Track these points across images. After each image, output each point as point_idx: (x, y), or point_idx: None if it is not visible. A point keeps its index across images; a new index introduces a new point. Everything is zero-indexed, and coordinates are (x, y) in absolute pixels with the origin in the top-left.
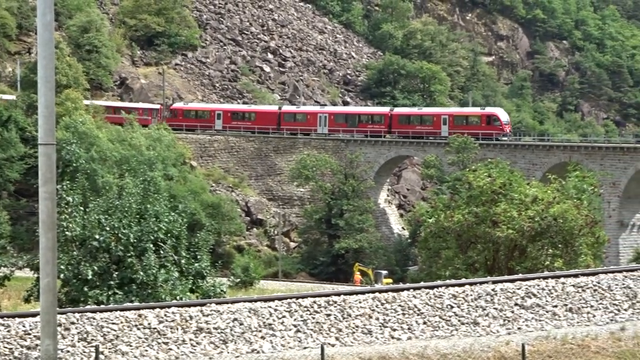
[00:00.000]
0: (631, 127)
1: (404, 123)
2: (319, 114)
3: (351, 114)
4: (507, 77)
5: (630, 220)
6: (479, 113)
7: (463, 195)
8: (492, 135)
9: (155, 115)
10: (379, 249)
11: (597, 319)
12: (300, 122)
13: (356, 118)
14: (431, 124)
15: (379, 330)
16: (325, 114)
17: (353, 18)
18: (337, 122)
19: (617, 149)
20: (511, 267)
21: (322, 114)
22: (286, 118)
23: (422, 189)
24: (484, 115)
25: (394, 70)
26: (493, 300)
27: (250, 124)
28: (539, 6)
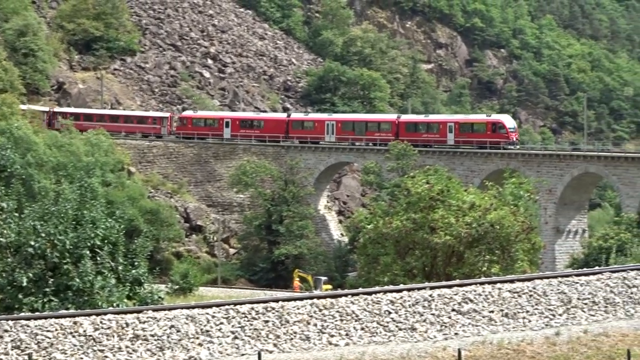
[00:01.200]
0: (567, 134)
1: (411, 131)
2: (327, 121)
3: (358, 122)
4: (446, 85)
5: (566, 227)
6: (484, 120)
7: (401, 201)
8: (498, 143)
9: (165, 124)
10: (319, 255)
11: (533, 324)
12: (308, 130)
13: (363, 126)
14: (437, 132)
15: (316, 336)
16: (333, 121)
17: (293, 24)
18: (345, 130)
19: (554, 156)
20: (449, 273)
21: (329, 122)
22: (294, 126)
23: (362, 196)
24: (489, 122)
25: (334, 77)
26: (430, 306)
27: (259, 132)
28: (478, 15)
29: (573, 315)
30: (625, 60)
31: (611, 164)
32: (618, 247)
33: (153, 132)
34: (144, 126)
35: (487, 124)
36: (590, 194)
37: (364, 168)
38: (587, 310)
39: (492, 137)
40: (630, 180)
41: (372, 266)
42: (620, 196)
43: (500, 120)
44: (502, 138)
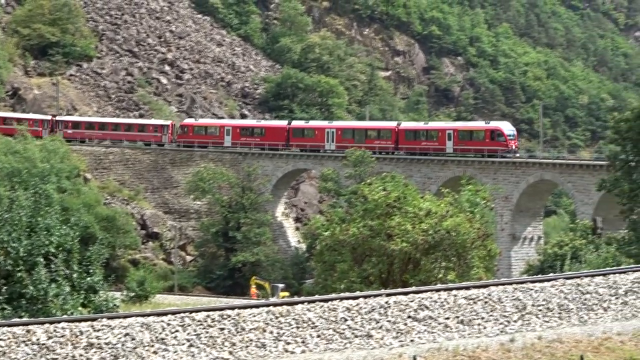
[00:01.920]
0: (523, 142)
1: (411, 139)
2: (327, 129)
3: (358, 129)
4: (403, 92)
5: (522, 234)
6: (482, 128)
7: (358, 208)
8: (496, 152)
9: (166, 132)
10: (276, 262)
11: (488, 330)
12: (308, 138)
13: (364, 134)
14: (436, 140)
15: (272, 344)
16: (333, 129)
17: (251, 31)
18: (345, 137)
19: (510, 163)
20: (405, 279)
21: (329, 129)
22: (295, 134)
23: (319, 202)
24: (487, 130)
25: (292, 84)
26: (387, 312)
27: (260, 139)
28: (435, 23)
29: (528, 322)
30: (580, 69)
31: (566, 172)
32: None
33: (154, 140)
34: (145, 134)
35: (485, 132)
36: (545, 201)
37: (322, 175)
38: (541, 317)
39: (491, 145)
40: (585, 187)
41: (329, 273)
42: (575, 203)
43: (499, 127)
44: (500, 146)
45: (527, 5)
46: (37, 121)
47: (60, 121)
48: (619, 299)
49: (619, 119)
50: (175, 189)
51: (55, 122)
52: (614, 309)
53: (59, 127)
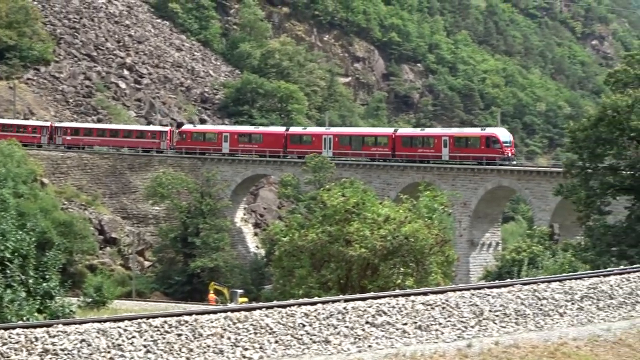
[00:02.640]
0: None
1: (408, 145)
2: (324, 135)
3: (356, 136)
4: (363, 98)
5: (480, 239)
6: (478, 134)
7: (317, 214)
8: (494, 159)
9: (165, 138)
10: (235, 268)
11: (445, 336)
12: (306, 145)
13: (360, 140)
14: (432, 147)
15: (230, 349)
16: (330, 135)
17: (211, 36)
18: (342, 144)
19: (468, 170)
20: (364, 285)
21: (326, 136)
22: (292, 140)
23: (278, 208)
24: (483, 136)
25: (251, 89)
26: (345, 318)
27: (258, 146)
28: (395, 29)
29: (485, 327)
30: (537, 76)
31: (524, 178)
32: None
33: (152, 146)
34: (143, 140)
35: (480, 138)
36: (503, 207)
37: (281, 180)
38: (498, 322)
39: (487, 152)
40: (542, 194)
41: (288, 279)
42: (533, 209)
43: (494, 134)
44: (496, 153)
45: (486, 13)
46: (35, 128)
47: (59, 128)
48: (575, 305)
49: (576, 126)
50: (133, 194)
51: (54, 129)
52: (570, 314)
53: (58, 133)
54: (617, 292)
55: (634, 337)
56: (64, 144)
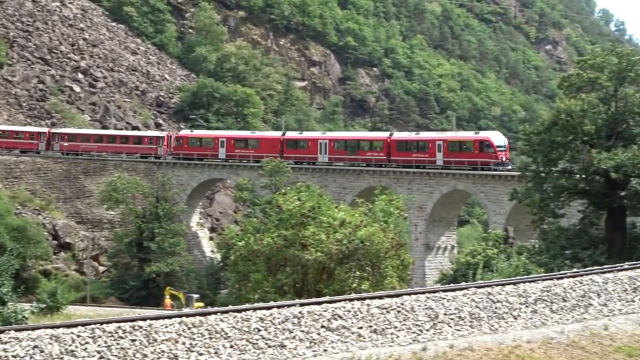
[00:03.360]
0: None
1: (402, 150)
2: (320, 140)
3: (351, 140)
4: (319, 102)
5: (436, 243)
6: (472, 138)
7: (273, 218)
8: (488, 164)
9: (162, 144)
10: (191, 273)
11: (401, 339)
12: (302, 150)
13: (356, 145)
14: (426, 151)
15: (185, 355)
16: (326, 140)
17: (166, 40)
18: (338, 149)
19: (424, 173)
20: (319, 289)
21: (322, 141)
22: (289, 145)
23: (234, 212)
24: (476, 140)
25: (207, 93)
26: (300, 322)
27: (255, 152)
28: (351, 34)
29: (440, 331)
30: (492, 81)
31: (479, 182)
32: (485, 263)
33: (150, 152)
34: (140, 147)
35: (474, 142)
36: (459, 210)
37: (237, 185)
38: (453, 325)
39: (481, 156)
40: (497, 197)
41: (243, 283)
42: (488, 213)
43: (487, 137)
44: (489, 158)
45: (441, 18)
46: (33, 134)
47: (57, 134)
48: (529, 308)
49: (530, 130)
50: (88, 199)
51: (52, 135)
52: (523, 317)
53: (56, 139)
54: (570, 294)
55: (586, 339)
56: (61, 150)
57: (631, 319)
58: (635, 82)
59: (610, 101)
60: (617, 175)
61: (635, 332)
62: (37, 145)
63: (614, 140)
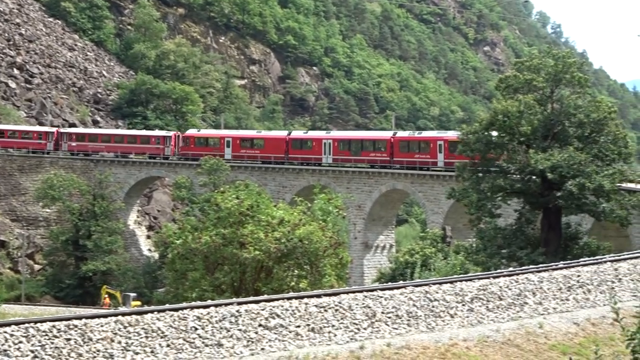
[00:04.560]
0: None
1: (405, 150)
2: (324, 140)
3: (355, 140)
4: (259, 101)
5: (375, 242)
6: None
7: (211, 216)
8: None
9: (169, 144)
10: (128, 271)
11: (338, 338)
12: (306, 150)
13: (359, 145)
14: (428, 152)
15: (120, 354)
16: (330, 140)
17: (105, 36)
18: (342, 149)
19: (363, 172)
20: (257, 288)
21: (326, 141)
22: (294, 145)
23: (172, 210)
24: None
25: (146, 90)
26: (237, 321)
27: (260, 152)
28: (291, 32)
29: (377, 329)
30: (431, 81)
31: (417, 181)
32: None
33: (157, 153)
34: (148, 146)
35: None
36: (397, 210)
37: (175, 183)
38: (390, 324)
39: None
40: (435, 197)
41: (181, 282)
42: (426, 212)
43: None
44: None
45: (381, 18)
46: (41, 134)
47: (65, 133)
48: (465, 306)
49: (468, 130)
50: (23, 196)
51: (60, 135)
52: (460, 315)
53: (64, 139)
54: (506, 293)
55: (522, 337)
56: (69, 150)
57: (565, 317)
58: (571, 84)
59: (547, 102)
60: (553, 175)
61: (569, 330)
62: (45, 145)
63: (550, 141)
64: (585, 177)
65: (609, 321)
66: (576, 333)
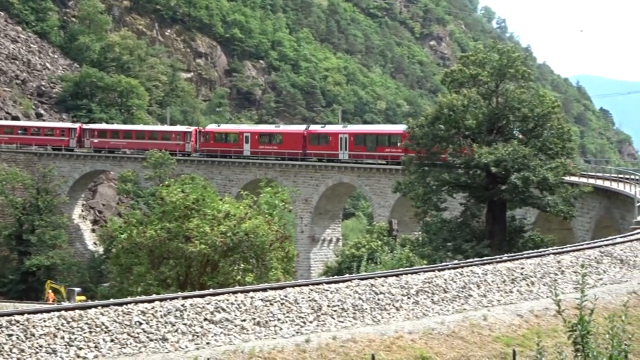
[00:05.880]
0: None
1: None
2: (340, 134)
3: (370, 135)
4: (205, 94)
5: (321, 235)
6: None
7: (156, 210)
8: None
9: (189, 139)
10: (73, 266)
11: (284, 331)
12: (323, 146)
13: (374, 140)
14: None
15: (64, 349)
16: (346, 134)
17: (49, 28)
18: (358, 144)
19: (310, 166)
20: (203, 282)
21: (342, 135)
22: (312, 140)
23: (117, 204)
24: None
25: (90, 83)
26: (183, 315)
27: (278, 147)
28: (237, 26)
29: (323, 322)
30: (378, 75)
31: (364, 175)
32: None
33: (177, 149)
34: (168, 143)
35: None
36: (344, 203)
37: (121, 176)
38: (336, 317)
39: None
40: (382, 190)
41: (126, 276)
42: (372, 206)
43: None
44: None
45: (328, 11)
46: (64, 130)
47: (87, 130)
48: (411, 299)
49: (414, 124)
50: None
51: (83, 131)
52: (405, 308)
53: (86, 136)
54: (451, 286)
55: (466, 329)
56: (91, 147)
57: (509, 310)
58: (515, 78)
59: (491, 97)
60: (498, 169)
61: (513, 322)
62: (68, 142)
63: (495, 135)
64: (530, 171)
65: (551, 313)
66: (520, 325)
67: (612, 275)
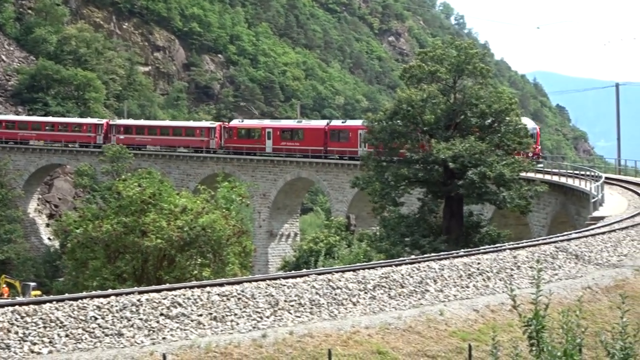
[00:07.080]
0: None
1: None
2: (359, 130)
3: None
4: (163, 88)
5: (279, 230)
6: None
7: (113, 204)
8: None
9: (213, 136)
10: (28, 260)
11: (241, 326)
12: (343, 142)
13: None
14: None
15: (18, 344)
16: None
17: (4, 20)
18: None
19: (268, 161)
20: (160, 277)
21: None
22: (332, 137)
23: (74, 198)
24: None
25: (47, 76)
26: (139, 310)
27: (299, 144)
28: (195, 19)
29: (280, 317)
30: (336, 70)
31: (322, 170)
32: (327, 250)
33: (201, 145)
34: (193, 139)
35: None
36: (302, 198)
37: (77, 170)
38: (293, 312)
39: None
40: (340, 185)
41: (81, 271)
42: (330, 201)
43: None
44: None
45: (287, 6)
46: (90, 126)
47: (114, 126)
48: (368, 294)
49: (372, 119)
50: None
51: (110, 127)
52: (363, 303)
53: (113, 132)
54: (408, 281)
55: (422, 324)
56: (117, 143)
57: (465, 304)
58: (473, 74)
59: (450, 93)
60: (455, 165)
61: (469, 316)
62: (95, 139)
63: (452, 131)
64: (486, 166)
65: (507, 308)
66: (476, 320)
67: (567, 270)
